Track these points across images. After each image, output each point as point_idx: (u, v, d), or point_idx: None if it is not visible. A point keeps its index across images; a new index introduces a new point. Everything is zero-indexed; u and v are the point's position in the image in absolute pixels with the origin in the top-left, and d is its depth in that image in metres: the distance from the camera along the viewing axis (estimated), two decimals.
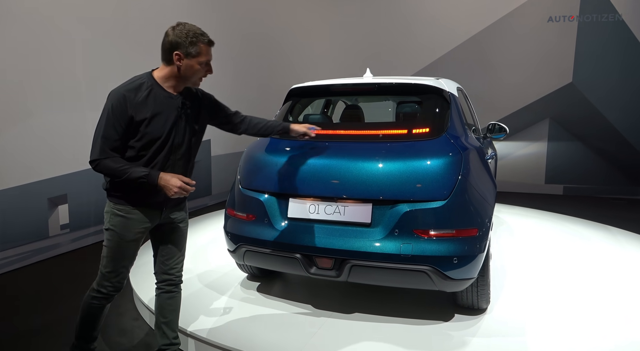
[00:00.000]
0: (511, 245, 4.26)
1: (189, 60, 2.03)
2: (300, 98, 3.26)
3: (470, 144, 2.88)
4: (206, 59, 2.08)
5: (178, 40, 2.00)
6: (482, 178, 2.83)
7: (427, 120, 2.83)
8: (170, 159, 2.12)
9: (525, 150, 7.91)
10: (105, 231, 2.15)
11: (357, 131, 2.92)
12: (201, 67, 2.07)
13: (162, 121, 2.05)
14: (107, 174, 2.05)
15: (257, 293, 3.17)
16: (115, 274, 2.16)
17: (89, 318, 2.23)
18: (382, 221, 2.51)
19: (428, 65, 8.10)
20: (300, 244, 2.61)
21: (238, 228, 2.87)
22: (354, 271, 2.54)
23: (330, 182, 2.61)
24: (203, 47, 2.04)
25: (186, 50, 2.00)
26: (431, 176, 2.49)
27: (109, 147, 1.98)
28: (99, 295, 2.18)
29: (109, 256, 2.15)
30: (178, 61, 2.02)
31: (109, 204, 2.14)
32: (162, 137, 2.06)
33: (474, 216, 2.55)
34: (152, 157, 2.06)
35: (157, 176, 2.00)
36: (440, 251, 2.42)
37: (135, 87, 2.01)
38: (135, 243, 2.17)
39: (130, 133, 2.01)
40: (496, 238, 4.47)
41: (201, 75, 2.12)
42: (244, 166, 2.98)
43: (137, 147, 2.03)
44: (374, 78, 3.22)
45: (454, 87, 3.21)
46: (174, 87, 2.11)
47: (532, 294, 3.09)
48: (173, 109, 2.09)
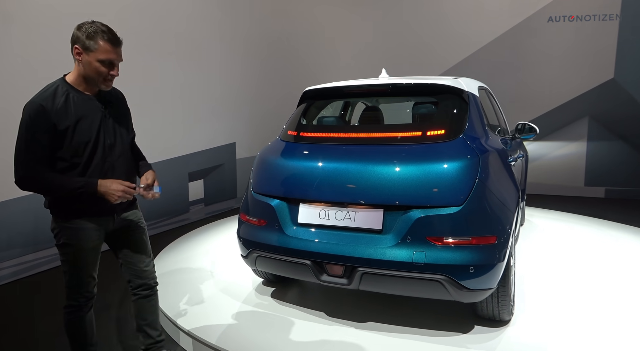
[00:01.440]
0: (542, 252, 4.03)
1: (87, 55, 1.91)
2: (314, 101, 3.21)
3: (490, 146, 2.73)
4: (107, 58, 1.93)
5: (79, 34, 1.91)
6: (503, 182, 2.67)
7: (443, 121, 2.70)
8: (107, 161, 2.04)
9: (563, 150, 7.52)
10: (59, 247, 2.05)
11: (370, 134, 2.83)
12: (102, 65, 1.93)
13: (87, 124, 1.96)
14: (39, 191, 1.94)
15: (271, 299, 3.13)
16: (84, 285, 2.10)
17: (77, 335, 2.16)
18: (393, 228, 2.41)
19: (458, 63, 7.85)
20: (310, 251, 2.55)
21: (250, 233, 2.84)
22: (365, 279, 2.45)
23: (340, 186, 2.53)
24: (102, 43, 1.90)
25: (83, 44, 1.89)
26: (445, 180, 2.37)
27: (35, 163, 1.87)
28: (72, 309, 2.11)
29: (71, 271, 2.07)
30: (78, 56, 1.92)
31: (56, 219, 2.03)
32: (91, 140, 1.97)
33: (492, 223, 2.41)
34: (87, 163, 1.98)
35: (96, 183, 1.92)
36: (455, 260, 2.30)
37: (51, 95, 1.91)
38: (94, 251, 2.10)
39: (56, 144, 1.90)
40: (525, 244, 4.24)
41: (104, 75, 1.97)
42: (256, 170, 2.96)
43: (68, 157, 1.94)
44: (389, 79, 3.12)
45: (474, 86, 3.06)
46: (89, 89, 2.02)
47: (561, 306, 2.90)
48: (96, 110, 2.01)
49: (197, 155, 6.09)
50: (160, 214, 5.55)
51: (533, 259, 3.80)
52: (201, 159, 6.16)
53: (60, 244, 2.05)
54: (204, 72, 6.12)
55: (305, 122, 3.11)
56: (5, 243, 3.91)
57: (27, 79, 3.89)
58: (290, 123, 3.12)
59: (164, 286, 3.42)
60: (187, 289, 3.35)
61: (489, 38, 7.66)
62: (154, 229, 5.42)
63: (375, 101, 3.70)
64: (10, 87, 3.85)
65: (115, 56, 1.97)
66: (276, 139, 3.09)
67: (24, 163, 1.86)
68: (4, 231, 3.89)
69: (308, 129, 3.03)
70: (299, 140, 2.95)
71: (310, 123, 3.12)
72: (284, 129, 3.10)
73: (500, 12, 7.55)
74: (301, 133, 2.98)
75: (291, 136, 3.00)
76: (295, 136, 2.98)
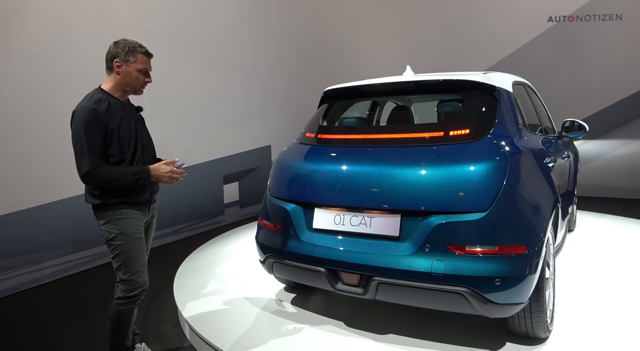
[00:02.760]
0: (592, 262, 3.67)
1: (128, 67, 2.24)
2: (334, 101, 3.08)
3: (524, 146, 2.49)
4: (143, 67, 2.29)
5: (118, 50, 2.23)
6: (537, 186, 2.43)
7: (468, 120, 2.49)
8: (144, 157, 2.33)
9: (624, 149, 6.91)
10: (111, 240, 2.23)
11: (389, 135, 2.67)
12: (139, 74, 2.28)
13: (127, 124, 2.26)
14: (101, 181, 2.17)
15: (291, 305, 3.04)
16: (139, 275, 2.27)
17: (122, 327, 2.31)
18: (411, 235, 2.25)
19: (504, 58, 7.42)
20: (324, 258, 2.43)
21: (267, 238, 2.77)
22: (382, 289, 2.30)
23: (355, 190, 2.40)
24: (139, 56, 2.26)
25: (124, 57, 2.22)
26: (469, 183, 2.17)
27: (96, 158, 2.14)
28: (127, 300, 2.26)
29: (127, 263, 2.25)
30: (118, 68, 2.24)
31: (105, 214, 2.23)
32: (132, 138, 2.26)
33: (521, 231, 2.18)
34: (132, 158, 2.26)
35: (148, 169, 2.23)
36: (478, 271, 2.10)
37: (97, 101, 2.19)
38: (141, 241, 2.30)
39: (107, 141, 2.18)
40: (573, 252, 3.88)
41: (141, 83, 2.31)
42: (273, 173, 2.88)
43: (117, 153, 2.21)
44: (414, 76, 2.94)
45: (507, 81, 2.82)
46: (122, 97, 2.32)
47: (608, 325, 2.59)
48: (131, 114, 2.33)
49: (233, 158, 6.15)
50: (195, 216, 5.63)
51: (581, 270, 3.46)
52: (236, 161, 6.21)
53: (113, 237, 2.22)
54: (239, 75, 6.17)
55: (325, 124, 2.99)
56: (46, 244, 4.09)
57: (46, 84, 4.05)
58: (308, 125, 3.02)
59: (184, 287, 3.44)
60: (207, 292, 3.34)
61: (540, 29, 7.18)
62: (189, 231, 5.51)
63: (407, 100, 3.52)
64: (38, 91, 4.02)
65: (149, 66, 2.34)
66: (295, 142, 3.00)
67: (88, 159, 2.11)
68: (46, 233, 4.08)
69: (326, 131, 2.92)
70: (316, 142, 2.84)
71: (329, 125, 3.01)
72: (303, 132, 3.01)
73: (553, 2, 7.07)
74: (319, 135, 2.87)
75: (309, 139, 2.90)
76: (313, 138, 2.88)
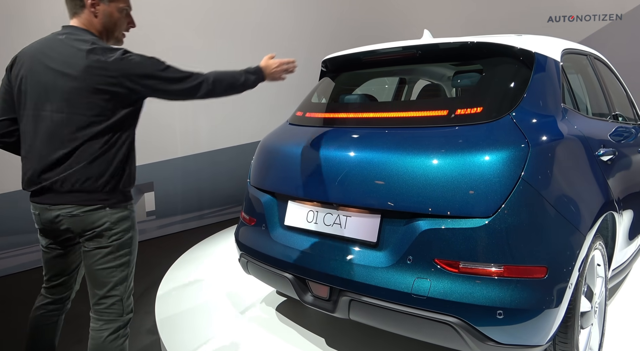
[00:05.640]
0: None
1: (107, 5, 1.63)
2: (336, 74, 2.58)
3: (565, 132, 1.85)
4: (125, 5, 1.69)
5: None
6: (573, 185, 1.78)
7: (484, 95, 1.89)
8: None
9: None
10: (126, 245, 1.66)
11: (383, 114, 2.12)
12: (121, 15, 1.68)
13: None
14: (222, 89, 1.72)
15: (275, 312, 2.64)
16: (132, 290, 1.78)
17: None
18: (391, 242, 1.74)
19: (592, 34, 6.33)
20: (291, 263, 2.00)
21: (242, 233, 2.39)
22: (355, 308, 1.82)
23: (331, 182, 1.92)
24: None
25: None
26: (469, 178, 1.61)
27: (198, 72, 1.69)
28: (125, 329, 1.71)
29: (132, 274, 1.73)
30: (94, 8, 1.62)
31: (121, 208, 1.64)
32: None
33: (540, 246, 1.58)
34: None
35: (260, 68, 1.88)
36: (474, 297, 1.55)
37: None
38: None
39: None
40: None
41: (124, 27, 1.73)
42: (254, 158, 2.48)
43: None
44: (433, 40, 2.34)
45: (555, 48, 2.13)
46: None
47: None
48: None
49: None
50: (226, 201, 5.43)
51: None
52: None
53: (129, 239, 1.67)
54: None
55: (318, 101, 2.52)
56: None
57: None
58: (302, 102, 2.57)
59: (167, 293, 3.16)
60: (190, 292, 3.05)
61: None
62: (216, 217, 5.32)
63: (418, 71, 2.87)
64: None
65: (131, 6, 1.74)
66: (284, 122, 2.57)
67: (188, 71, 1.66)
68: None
69: (316, 109, 2.44)
70: (304, 122, 2.38)
71: (323, 102, 2.52)
72: (295, 111, 2.56)
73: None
74: (307, 114, 2.41)
75: (298, 118, 2.45)
76: (301, 118, 2.43)
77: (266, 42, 5.67)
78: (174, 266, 3.57)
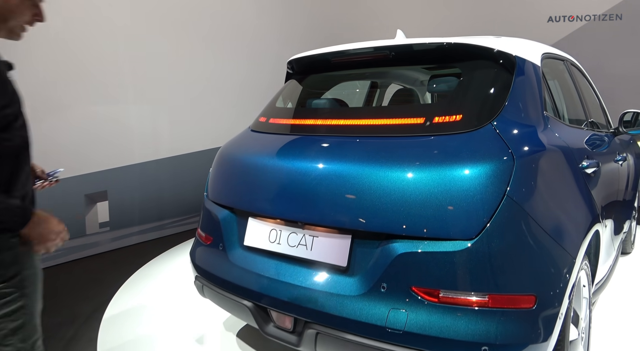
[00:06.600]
0: None
1: None
2: (303, 76, 2.37)
3: (548, 143, 1.70)
4: None
5: None
6: (561, 202, 1.63)
7: (463, 101, 1.72)
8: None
9: None
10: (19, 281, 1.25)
11: (352, 121, 1.92)
12: (21, 1, 1.25)
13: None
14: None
15: (236, 340, 2.40)
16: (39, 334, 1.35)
17: None
18: (363, 266, 1.54)
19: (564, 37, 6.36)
20: (250, 289, 1.77)
21: (197, 253, 2.14)
22: (322, 342, 1.60)
23: (295, 197, 1.71)
24: None
25: None
26: (448, 195, 1.43)
27: None
28: None
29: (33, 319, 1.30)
30: None
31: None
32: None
33: (529, 272, 1.41)
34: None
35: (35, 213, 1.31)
36: (456, 331, 1.36)
37: None
38: None
39: None
40: (629, 283, 2.98)
41: (26, 19, 1.30)
42: (212, 169, 2.23)
43: None
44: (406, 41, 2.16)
45: (534, 51, 2.00)
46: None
47: None
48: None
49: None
50: (188, 210, 5.12)
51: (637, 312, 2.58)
52: None
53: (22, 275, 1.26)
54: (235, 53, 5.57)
55: (283, 106, 2.30)
56: None
57: None
58: (266, 107, 2.34)
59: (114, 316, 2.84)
60: (139, 315, 2.77)
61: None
62: (178, 226, 5.01)
63: (390, 74, 2.68)
64: None
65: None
66: (246, 129, 2.34)
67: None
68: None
69: (281, 114, 2.22)
70: (267, 129, 2.16)
71: (288, 106, 2.31)
72: (257, 116, 2.34)
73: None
74: (271, 120, 2.19)
75: (260, 124, 2.23)
76: (264, 124, 2.20)
77: (229, 41, 5.41)
78: (127, 284, 3.27)
